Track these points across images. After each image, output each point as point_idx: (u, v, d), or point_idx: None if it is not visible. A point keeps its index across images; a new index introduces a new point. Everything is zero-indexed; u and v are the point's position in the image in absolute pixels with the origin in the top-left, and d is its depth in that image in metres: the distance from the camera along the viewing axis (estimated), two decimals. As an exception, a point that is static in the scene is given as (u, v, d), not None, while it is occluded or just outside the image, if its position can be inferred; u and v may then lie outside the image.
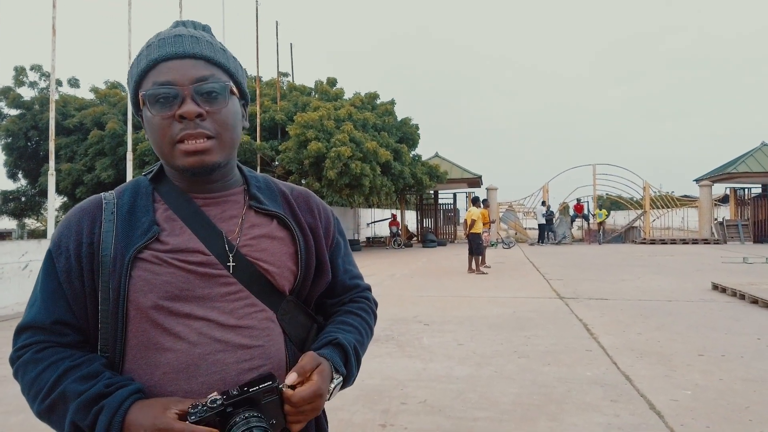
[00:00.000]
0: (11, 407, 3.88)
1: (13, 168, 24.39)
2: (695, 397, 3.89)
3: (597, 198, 25.68)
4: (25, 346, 0.96)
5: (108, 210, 1.01)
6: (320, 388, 0.96)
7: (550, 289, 9.47)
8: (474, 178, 25.30)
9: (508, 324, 6.52)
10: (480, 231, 12.47)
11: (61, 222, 1.03)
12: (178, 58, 0.99)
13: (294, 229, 1.10)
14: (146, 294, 0.96)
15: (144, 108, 1.00)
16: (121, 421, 0.86)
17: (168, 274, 0.97)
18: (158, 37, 1.03)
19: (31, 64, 24.12)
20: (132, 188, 1.06)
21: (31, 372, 0.94)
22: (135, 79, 1.01)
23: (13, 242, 8.69)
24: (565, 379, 4.32)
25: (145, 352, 0.97)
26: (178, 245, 0.99)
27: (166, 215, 1.02)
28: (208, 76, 0.99)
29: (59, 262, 0.98)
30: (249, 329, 1.01)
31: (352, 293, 1.24)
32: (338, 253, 1.22)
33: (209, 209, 1.05)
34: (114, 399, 0.88)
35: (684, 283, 9.98)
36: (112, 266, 0.96)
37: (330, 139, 17.71)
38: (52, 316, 0.96)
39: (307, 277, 1.11)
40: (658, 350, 5.19)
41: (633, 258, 15.91)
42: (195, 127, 0.96)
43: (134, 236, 0.98)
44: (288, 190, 1.17)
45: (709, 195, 24.11)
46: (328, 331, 1.12)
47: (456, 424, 3.48)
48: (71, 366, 0.93)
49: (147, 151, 20.08)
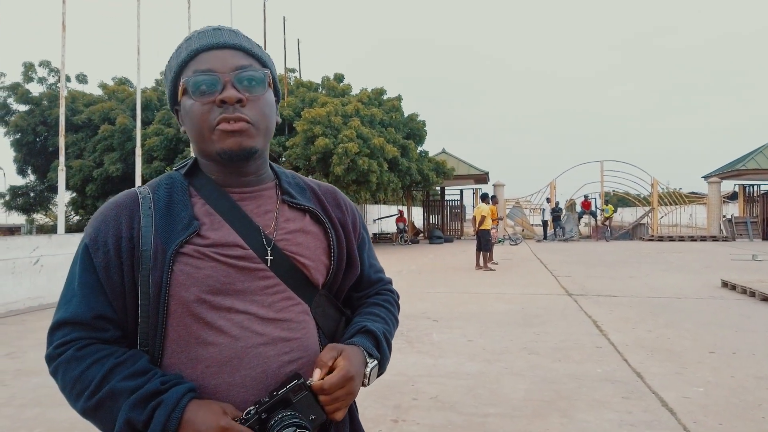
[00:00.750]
0: (26, 401, 3.92)
1: (22, 164, 24.49)
2: (707, 394, 3.88)
3: (604, 195, 25.58)
4: (65, 343, 0.95)
5: (145, 205, 1.01)
6: (348, 371, 0.97)
7: (559, 286, 9.46)
8: (481, 174, 25.25)
9: (516, 320, 6.52)
10: (489, 227, 12.46)
11: (96, 217, 1.03)
12: (218, 48, 1.01)
13: (326, 224, 1.12)
14: (188, 288, 0.96)
15: (184, 97, 1.02)
16: (179, 417, 0.87)
17: (209, 268, 0.98)
18: (197, 31, 1.05)
19: (39, 60, 24.21)
20: (167, 183, 1.07)
21: (74, 369, 0.93)
22: (175, 71, 1.03)
23: (25, 237, 8.75)
24: (575, 376, 4.32)
25: (186, 346, 0.97)
26: (218, 240, 1.00)
27: (204, 210, 1.03)
28: (247, 65, 1.01)
29: (97, 257, 0.98)
30: (287, 322, 1.02)
31: (377, 286, 1.26)
32: (363, 247, 1.24)
33: (245, 204, 1.06)
34: (172, 395, 0.89)
35: (693, 281, 9.94)
36: (153, 261, 0.96)
37: (337, 135, 17.71)
38: (93, 311, 0.96)
39: (339, 270, 1.13)
40: (669, 347, 5.18)
41: (641, 255, 15.86)
42: (234, 111, 0.98)
43: (175, 231, 0.99)
44: (315, 186, 1.20)
45: (717, 192, 23.98)
46: (357, 322, 1.14)
47: (467, 419, 3.49)
48: (117, 363, 0.93)
49: (155, 147, 20.17)
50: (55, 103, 22.24)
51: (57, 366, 0.95)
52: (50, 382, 3.69)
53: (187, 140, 15.93)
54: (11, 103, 23.64)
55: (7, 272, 7.79)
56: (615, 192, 28.67)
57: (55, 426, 3.46)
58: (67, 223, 15.52)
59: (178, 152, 20.36)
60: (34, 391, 4.11)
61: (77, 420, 3.50)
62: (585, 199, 25.65)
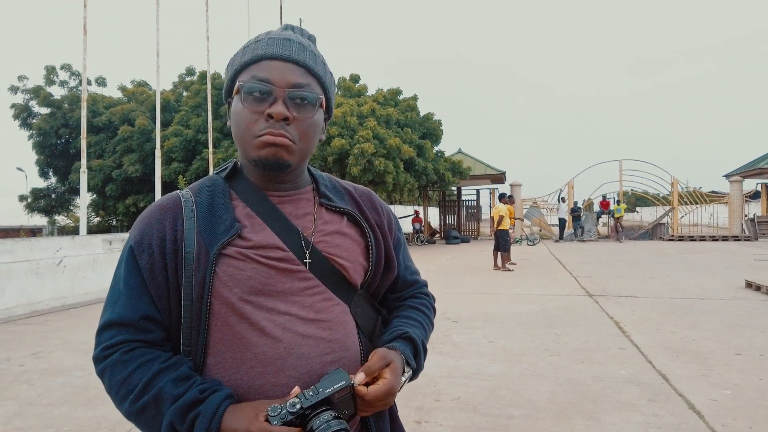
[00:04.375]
0: (53, 400, 3.98)
1: (44, 166, 24.90)
2: (735, 396, 3.82)
3: (623, 194, 25.30)
4: (112, 345, 0.98)
5: (188, 207, 1.04)
6: (393, 387, 0.99)
7: (579, 287, 9.37)
8: (498, 174, 25.11)
9: (537, 321, 6.47)
10: (507, 227, 12.39)
11: (140, 220, 1.05)
12: (282, 59, 1.02)
13: (364, 226, 1.14)
14: (231, 289, 0.98)
15: (236, 96, 1.04)
16: (217, 427, 0.89)
17: (251, 269, 0.99)
18: (268, 35, 1.06)
19: (61, 64, 24.63)
20: (208, 186, 1.09)
21: (121, 372, 0.95)
22: (236, 68, 1.05)
23: (48, 238, 8.88)
24: (599, 378, 4.27)
25: (230, 346, 0.99)
26: (260, 242, 1.02)
27: (245, 212, 1.05)
28: (304, 84, 1.02)
29: (142, 259, 1.00)
30: (327, 322, 1.04)
31: (412, 288, 1.28)
32: (399, 249, 1.25)
33: (284, 207, 1.08)
34: (209, 405, 0.91)
35: (716, 281, 9.78)
36: (196, 262, 0.98)
37: (353, 136, 17.74)
38: (139, 311, 0.98)
39: (377, 271, 1.14)
40: (694, 349, 5.10)
41: (661, 255, 15.66)
42: (279, 128, 0.99)
43: (217, 233, 1.01)
44: (352, 189, 1.22)
45: (739, 190, 23.60)
46: (397, 325, 1.15)
47: (491, 421, 3.47)
48: (162, 368, 0.95)
49: (174, 148, 20.38)
50: (76, 105, 22.60)
51: (104, 368, 0.98)
52: (76, 382, 3.76)
53: (205, 141, 16.04)
54: (33, 106, 24.05)
55: (31, 273, 7.92)
56: (633, 191, 28.34)
57: (83, 424, 3.51)
58: (88, 224, 15.73)
59: (196, 153, 20.55)
60: (61, 390, 4.17)
61: (102, 419, 3.56)
62: (603, 198, 25.40)
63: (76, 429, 3.45)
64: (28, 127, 24.03)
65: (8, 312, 7.45)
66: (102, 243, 9.33)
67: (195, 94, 22.10)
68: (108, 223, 25.62)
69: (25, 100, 23.98)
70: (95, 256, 9.11)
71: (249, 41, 1.07)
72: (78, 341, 5.85)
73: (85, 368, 4.72)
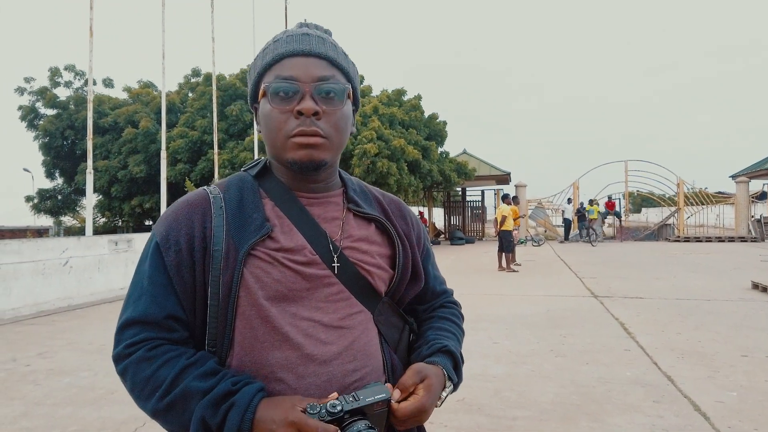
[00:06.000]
0: (59, 400, 3.99)
1: (50, 167, 25.03)
2: (741, 398, 3.80)
3: (629, 195, 25.18)
4: (135, 343, 0.95)
5: (216, 204, 1.01)
6: (424, 405, 0.97)
7: (584, 288, 9.35)
8: (503, 174, 25.06)
9: (542, 322, 6.46)
10: (511, 228, 12.36)
11: (167, 215, 1.03)
12: (303, 55, 1.01)
13: (393, 234, 1.12)
14: (257, 291, 0.96)
15: (263, 100, 1.02)
16: (251, 418, 0.87)
17: (278, 273, 0.98)
18: (286, 33, 1.05)
19: (65, 65, 24.73)
20: (237, 183, 1.07)
21: (146, 370, 0.93)
22: (259, 71, 1.04)
23: (54, 239, 8.92)
24: (604, 379, 4.25)
25: (251, 349, 0.97)
26: (288, 244, 1.00)
27: (274, 212, 1.04)
28: (329, 76, 1.01)
29: (168, 256, 0.98)
30: (350, 330, 1.02)
31: (441, 298, 1.28)
32: (429, 260, 1.25)
33: (312, 209, 1.06)
34: (243, 396, 0.89)
35: (722, 282, 9.74)
36: (224, 261, 0.96)
37: (356, 136, 17.70)
38: (165, 310, 0.96)
39: (403, 280, 1.12)
40: (700, 350, 5.08)
41: (667, 256, 15.59)
42: (310, 124, 0.98)
43: (247, 232, 0.99)
44: (380, 196, 1.19)
45: (746, 191, 23.44)
46: (433, 338, 1.14)
47: (495, 422, 3.46)
48: (188, 364, 0.93)
49: (179, 149, 20.43)
50: (82, 106, 22.69)
51: (126, 366, 0.95)
52: (82, 382, 3.76)
53: (211, 142, 16.00)
54: (39, 107, 24.17)
55: (38, 273, 7.96)
56: (639, 192, 28.23)
57: (88, 424, 3.53)
58: (94, 225, 15.78)
59: (201, 154, 20.61)
60: (67, 390, 4.19)
61: (108, 419, 3.58)
62: (609, 199, 25.31)
63: (82, 429, 3.47)
64: (34, 129, 24.16)
65: (15, 312, 7.49)
66: (108, 244, 9.37)
67: (200, 95, 22.15)
68: (114, 223, 25.73)
69: (32, 101, 24.09)
70: (101, 257, 9.15)
71: (267, 43, 1.06)
72: (84, 342, 5.87)
73: (90, 368, 4.74)
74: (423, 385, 0.99)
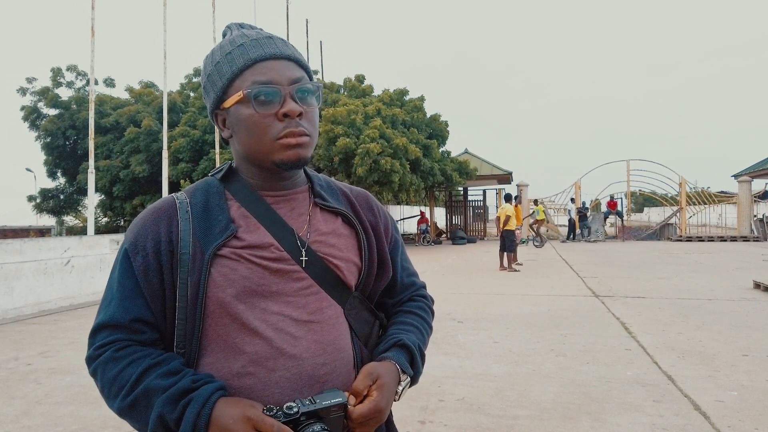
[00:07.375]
0: (60, 399, 4.01)
1: (52, 167, 25.09)
2: (742, 398, 3.79)
3: (631, 194, 25.16)
4: (104, 345, 0.98)
5: (182, 209, 1.04)
6: (378, 405, 0.98)
7: (585, 287, 9.34)
8: (504, 174, 25.06)
9: (543, 322, 6.45)
10: (513, 228, 12.36)
11: (136, 222, 1.05)
12: (275, 59, 1.03)
13: (358, 227, 1.14)
14: (225, 289, 0.98)
15: (237, 105, 1.02)
16: (209, 414, 0.89)
17: (245, 269, 0.99)
18: (246, 38, 1.05)
19: (67, 65, 24.79)
20: (203, 188, 1.09)
21: (112, 370, 0.96)
22: (228, 77, 1.03)
23: (56, 238, 8.94)
24: (605, 379, 4.25)
25: (223, 346, 0.99)
26: (254, 242, 1.02)
27: (240, 213, 1.05)
28: (300, 77, 1.03)
29: (136, 261, 1.00)
30: (320, 324, 1.04)
31: (410, 291, 1.27)
32: (396, 251, 1.25)
33: (279, 207, 1.08)
34: (201, 393, 0.91)
35: (724, 282, 9.73)
36: (191, 263, 0.99)
37: (359, 136, 17.73)
38: (130, 314, 0.98)
39: (371, 273, 1.14)
40: (700, 350, 5.08)
41: (669, 255, 15.58)
42: (296, 125, 1.00)
43: (212, 234, 1.01)
44: (348, 190, 1.21)
45: (748, 191, 23.41)
46: (392, 333, 1.15)
47: (496, 422, 3.46)
48: (153, 363, 0.95)
49: (181, 149, 20.47)
50: (83, 106, 22.75)
51: (96, 367, 0.98)
52: (83, 381, 3.79)
53: (212, 142, 16.00)
54: (41, 108, 24.22)
55: (40, 273, 7.98)
56: (641, 191, 28.17)
57: (89, 423, 3.54)
58: (96, 225, 15.82)
59: (203, 154, 20.64)
60: (68, 389, 4.20)
61: (109, 417, 3.58)
62: (611, 199, 25.29)
63: (83, 428, 3.48)
64: (36, 129, 24.22)
65: (17, 311, 7.52)
66: (109, 243, 9.39)
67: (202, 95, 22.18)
68: (116, 223, 25.78)
69: (34, 101, 24.16)
70: (103, 257, 9.17)
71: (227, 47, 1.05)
72: (85, 341, 5.86)
73: (92, 368, 4.76)
74: (375, 386, 1.00)
